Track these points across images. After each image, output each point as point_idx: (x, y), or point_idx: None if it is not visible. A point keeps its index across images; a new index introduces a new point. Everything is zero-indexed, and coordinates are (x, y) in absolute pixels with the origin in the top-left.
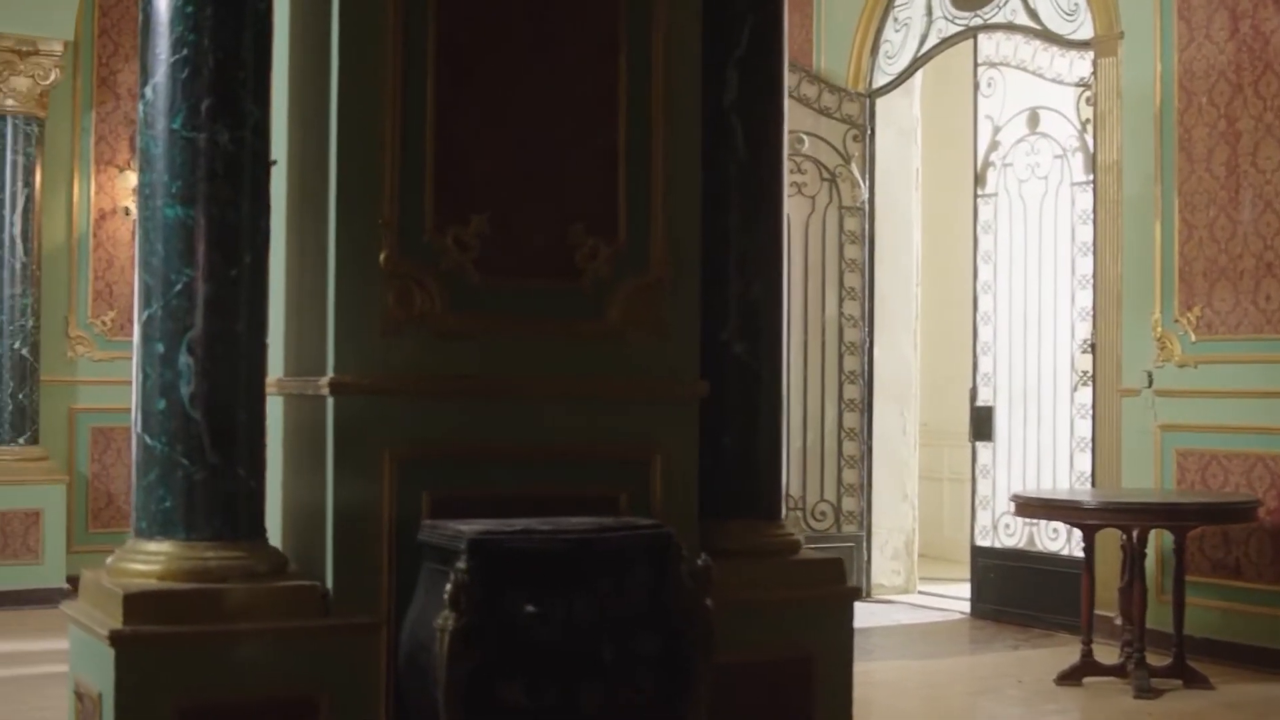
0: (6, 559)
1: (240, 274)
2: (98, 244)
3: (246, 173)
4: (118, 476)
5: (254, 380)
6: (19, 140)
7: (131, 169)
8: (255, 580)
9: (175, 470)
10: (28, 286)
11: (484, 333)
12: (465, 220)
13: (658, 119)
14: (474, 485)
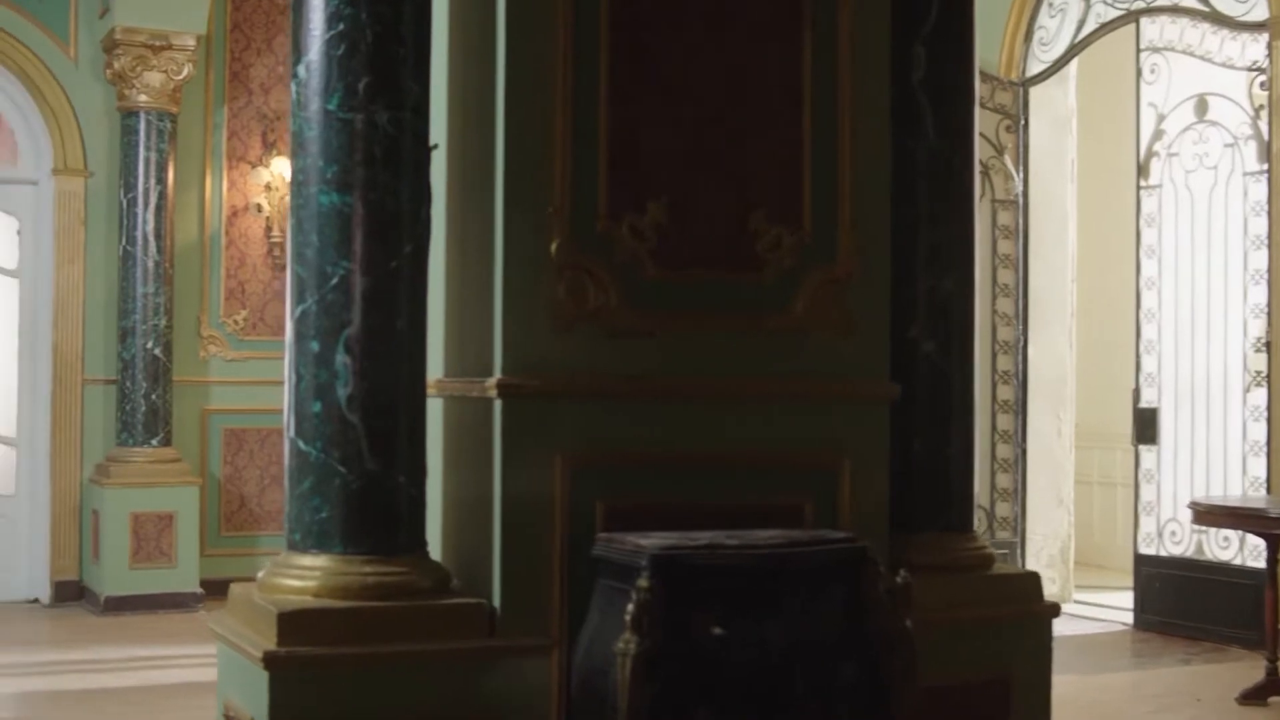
0: (140, 562)
1: (400, 266)
2: (230, 242)
3: (407, 156)
4: (250, 479)
5: (415, 381)
6: (152, 136)
7: (264, 165)
8: (417, 598)
9: (331, 478)
10: (160, 285)
11: (661, 329)
12: (641, 208)
13: (844, 99)
14: (650, 494)
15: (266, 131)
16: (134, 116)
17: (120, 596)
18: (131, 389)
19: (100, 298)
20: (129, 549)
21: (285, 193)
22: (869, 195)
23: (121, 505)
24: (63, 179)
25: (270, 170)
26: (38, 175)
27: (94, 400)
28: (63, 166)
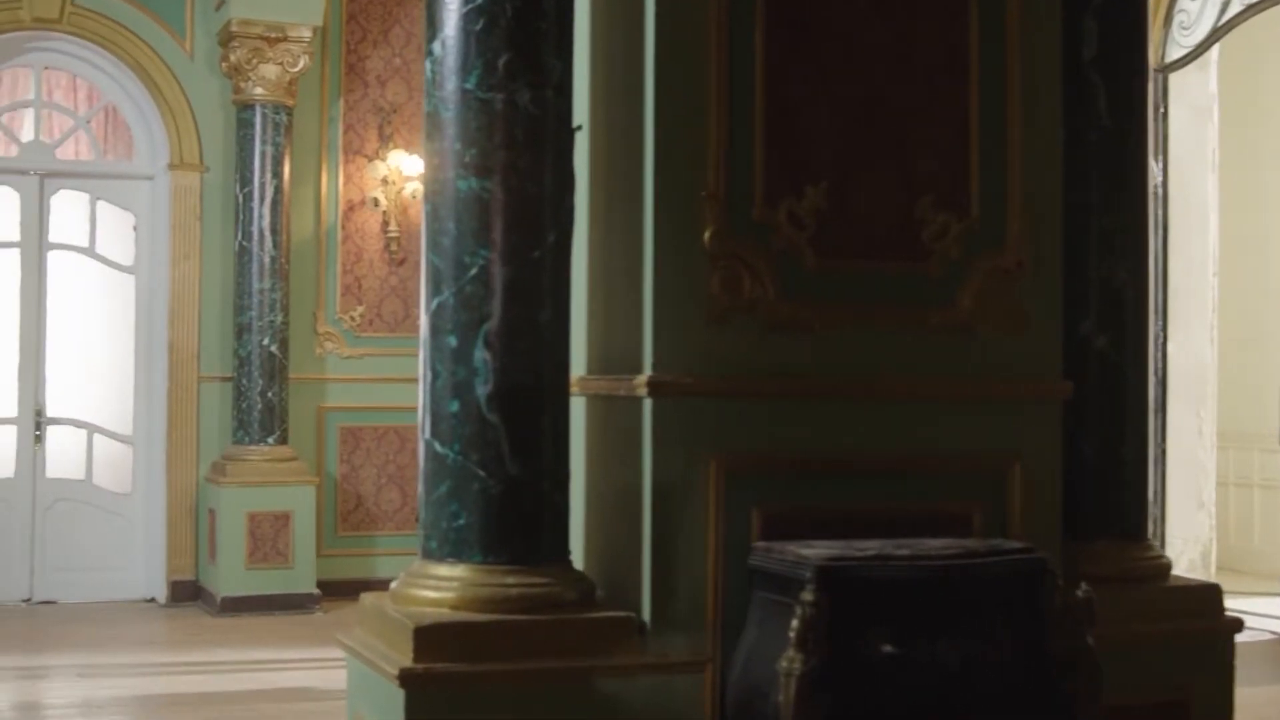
0: (256, 562)
1: (543, 255)
2: (346, 236)
3: (549, 138)
4: (366, 478)
5: (559, 378)
6: (268, 129)
7: (380, 158)
8: (562, 611)
9: (470, 483)
10: (277, 281)
11: (820, 323)
12: (799, 193)
13: (1013, 77)
14: (808, 500)
15: (383, 124)
16: (250, 110)
17: (237, 597)
18: (247, 386)
19: (216, 294)
20: (245, 549)
21: (402, 187)
22: (1040, 180)
23: (237, 504)
24: (178, 174)
25: (387, 164)
26: (154, 170)
27: (210, 398)
28: (179, 161)
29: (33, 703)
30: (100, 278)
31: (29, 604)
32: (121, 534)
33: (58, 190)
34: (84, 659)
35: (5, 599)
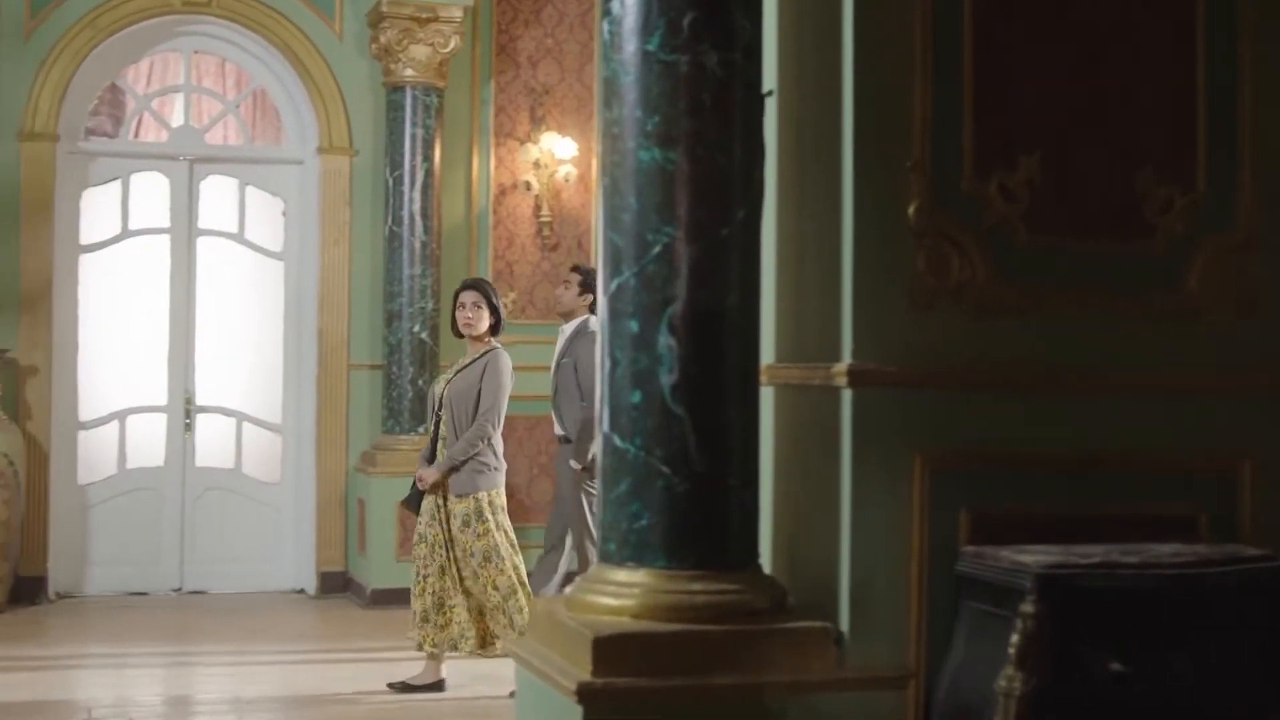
0: (407, 554)
1: (732, 232)
2: (498, 221)
3: (738, 104)
4: (518, 469)
5: (748, 367)
6: (418, 112)
7: (532, 141)
8: (753, 620)
9: (653, 480)
10: (427, 266)
11: (1034, 307)
12: (1012, 163)
13: (1245, 36)
14: (1021, 501)
15: (535, 106)
16: (400, 92)
17: (387, 589)
18: (398, 374)
19: (366, 280)
20: (395, 540)
21: (554, 170)
22: (1273, 149)
23: (388, 495)
24: (328, 158)
25: (539, 147)
26: (303, 155)
27: (360, 386)
28: (328, 145)
29: (183, 697)
30: (249, 264)
31: (179, 594)
32: (270, 524)
33: (207, 176)
34: (233, 651)
35: (156, 589)
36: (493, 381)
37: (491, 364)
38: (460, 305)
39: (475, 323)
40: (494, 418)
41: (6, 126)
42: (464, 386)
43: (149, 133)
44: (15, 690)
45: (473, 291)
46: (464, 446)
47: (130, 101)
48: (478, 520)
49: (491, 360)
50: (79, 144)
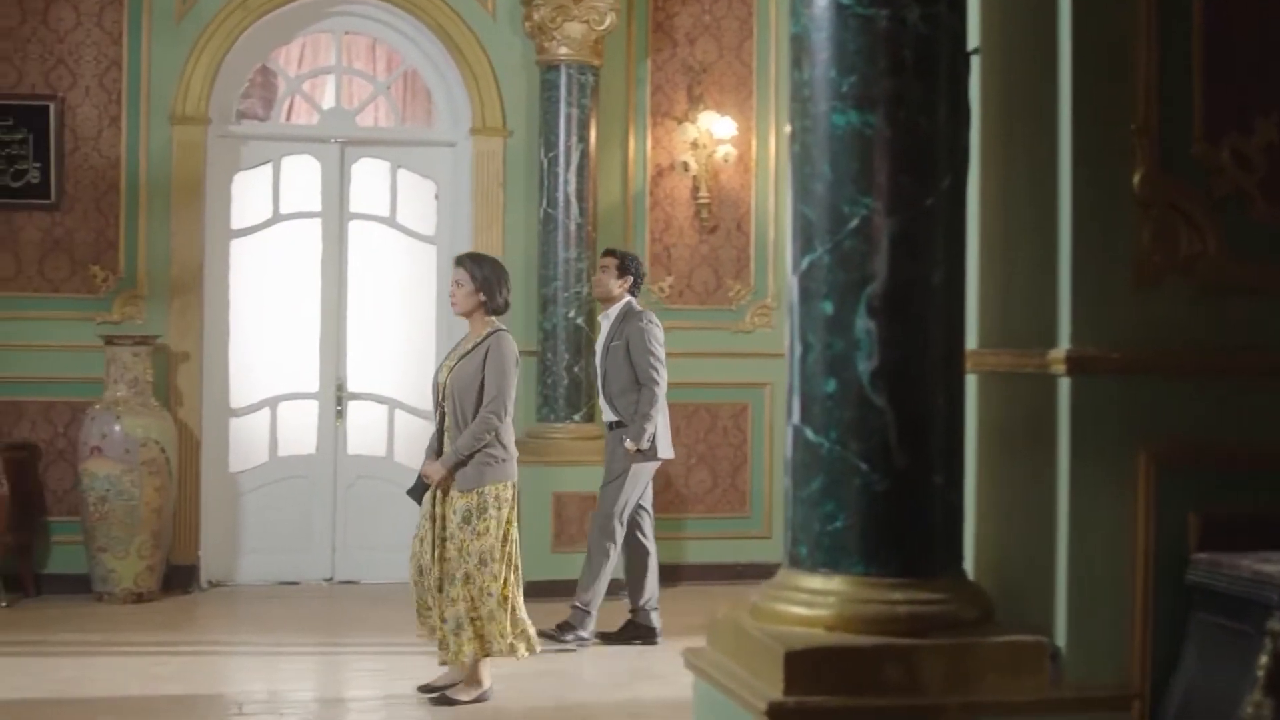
0: (562, 546)
1: (937, 203)
2: (654, 203)
3: (942, 62)
4: (676, 458)
5: (953, 352)
6: (573, 91)
7: (690, 121)
8: (959, 633)
9: (850, 478)
10: (583, 250)
11: (1272, 285)
12: (1247, 127)
13: None
14: (1258, 503)
15: (692, 85)
16: (554, 70)
17: (540, 581)
18: (553, 361)
19: (520, 264)
20: (550, 531)
21: (713, 150)
22: None
23: (543, 485)
24: (481, 139)
25: (697, 126)
26: (455, 136)
27: None
28: (481, 126)
29: (334, 691)
30: (401, 248)
31: (330, 583)
32: None
33: (358, 158)
34: (384, 643)
35: (307, 578)
36: (497, 368)
37: (494, 349)
38: (454, 282)
39: (458, 301)
40: (500, 407)
41: (158, 110)
42: (466, 375)
43: (300, 115)
44: (166, 682)
45: (457, 268)
46: (469, 440)
47: (281, 84)
48: (479, 517)
49: (494, 345)
50: (230, 127)
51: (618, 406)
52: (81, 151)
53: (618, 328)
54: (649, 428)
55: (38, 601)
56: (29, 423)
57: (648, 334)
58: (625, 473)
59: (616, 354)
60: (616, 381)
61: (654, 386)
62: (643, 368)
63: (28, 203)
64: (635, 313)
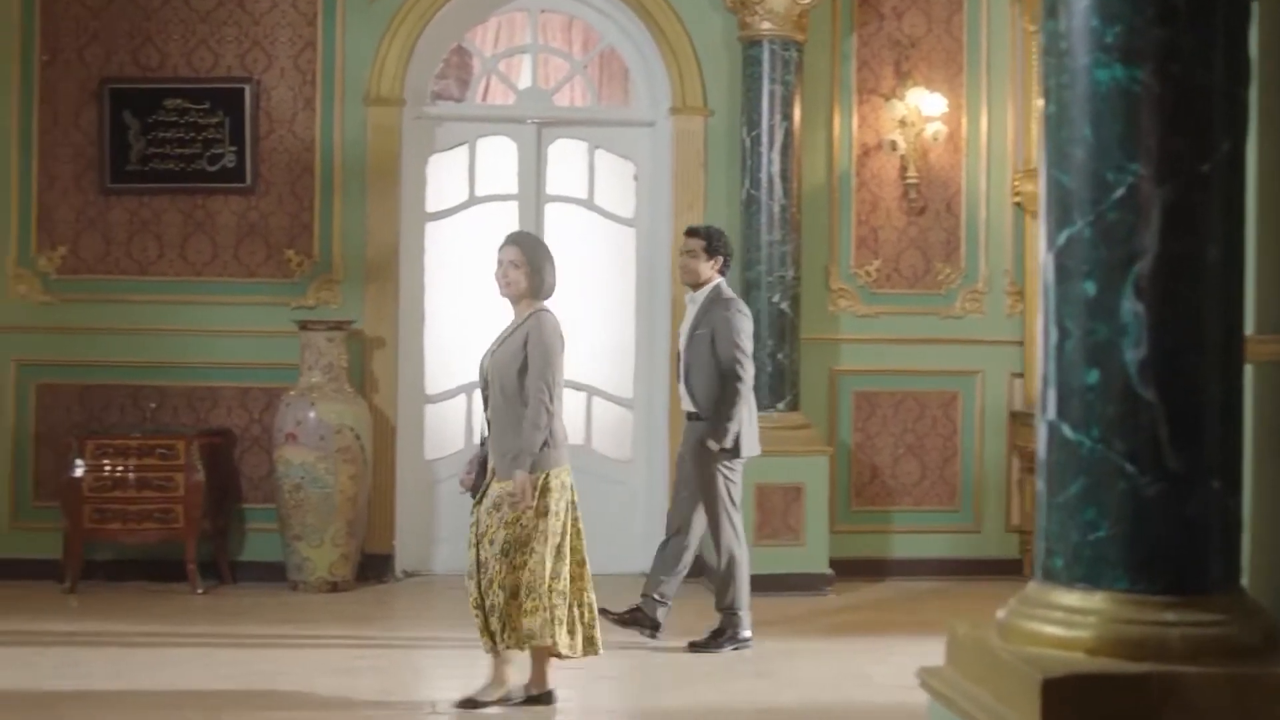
0: (765, 538)
1: (1214, 170)
2: (860, 184)
3: (1219, 12)
4: (882, 448)
5: (1231, 338)
6: (776, 67)
7: (897, 98)
8: (1240, 661)
9: (1114, 480)
10: (787, 233)
11: None
12: None
13: None
14: None
15: (900, 60)
16: (757, 46)
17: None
18: (755, 348)
19: None
20: (753, 523)
21: (921, 128)
22: None
23: (747, 474)
24: (681, 118)
25: (905, 103)
26: (654, 116)
27: None
28: (681, 105)
29: None
30: (599, 231)
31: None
32: (622, 504)
33: (555, 139)
34: None
35: None
36: (539, 349)
37: (534, 330)
38: (498, 263)
39: (512, 283)
40: (547, 389)
41: (353, 91)
42: (506, 357)
43: (496, 96)
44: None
45: (511, 248)
46: (529, 431)
47: (476, 63)
48: (510, 506)
49: (534, 325)
50: (425, 108)
51: (698, 399)
52: (276, 134)
53: (704, 314)
54: (732, 427)
55: (233, 589)
56: (224, 409)
57: (735, 324)
58: (715, 474)
59: (700, 343)
60: (699, 372)
61: (738, 382)
62: (727, 361)
63: (223, 186)
64: (723, 299)
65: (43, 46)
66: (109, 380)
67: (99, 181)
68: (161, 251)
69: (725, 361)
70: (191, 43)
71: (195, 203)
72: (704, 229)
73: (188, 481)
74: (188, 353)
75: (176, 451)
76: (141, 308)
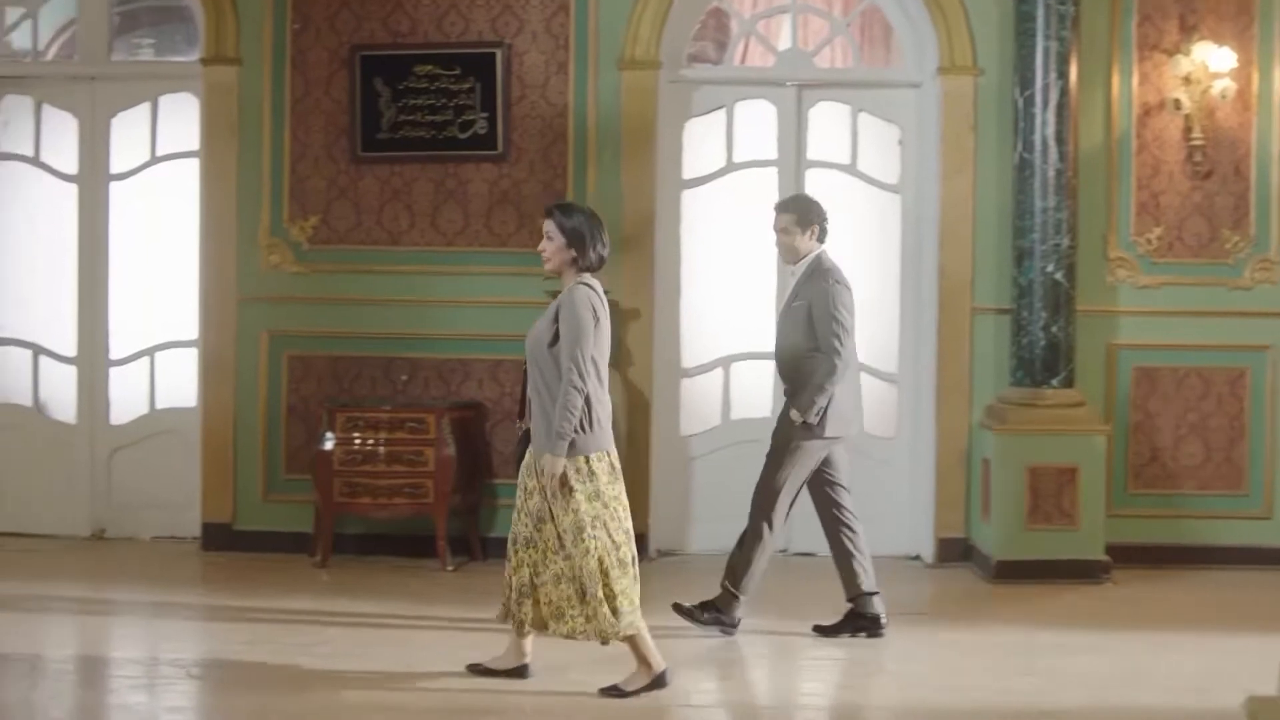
0: (1036, 523)
1: None
2: (1141, 146)
3: None
4: (1163, 427)
5: None
6: (1051, 22)
7: (1182, 53)
8: None
9: None
10: (1062, 198)
11: None
12: None
13: None
14: None
15: (1185, 14)
16: (1030, 2)
17: (1013, 561)
18: (1028, 320)
19: (992, 214)
20: (1024, 506)
21: (1208, 86)
22: None
23: (1016, 455)
24: (949, 79)
25: (1190, 59)
26: (920, 77)
27: (984, 332)
28: (949, 65)
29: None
30: (862, 198)
31: (784, 555)
32: (885, 482)
33: (816, 102)
34: None
35: None
36: (569, 324)
37: (566, 304)
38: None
39: (548, 256)
40: (576, 367)
41: (607, 55)
42: (538, 332)
43: (754, 58)
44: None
45: (547, 219)
46: (562, 414)
47: (734, 25)
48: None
49: (566, 299)
50: (681, 71)
51: (785, 372)
52: (528, 100)
53: (802, 285)
54: (819, 400)
55: (483, 565)
56: (475, 382)
57: (834, 296)
58: (790, 447)
59: (797, 314)
60: (792, 345)
61: (834, 356)
62: (824, 334)
63: (475, 154)
64: (823, 270)
65: (294, 15)
66: (359, 352)
67: (350, 150)
68: (413, 221)
69: (822, 335)
70: (442, 8)
71: (447, 170)
72: (791, 201)
73: (438, 456)
74: (438, 324)
75: (427, 425)
76: (392, 278)
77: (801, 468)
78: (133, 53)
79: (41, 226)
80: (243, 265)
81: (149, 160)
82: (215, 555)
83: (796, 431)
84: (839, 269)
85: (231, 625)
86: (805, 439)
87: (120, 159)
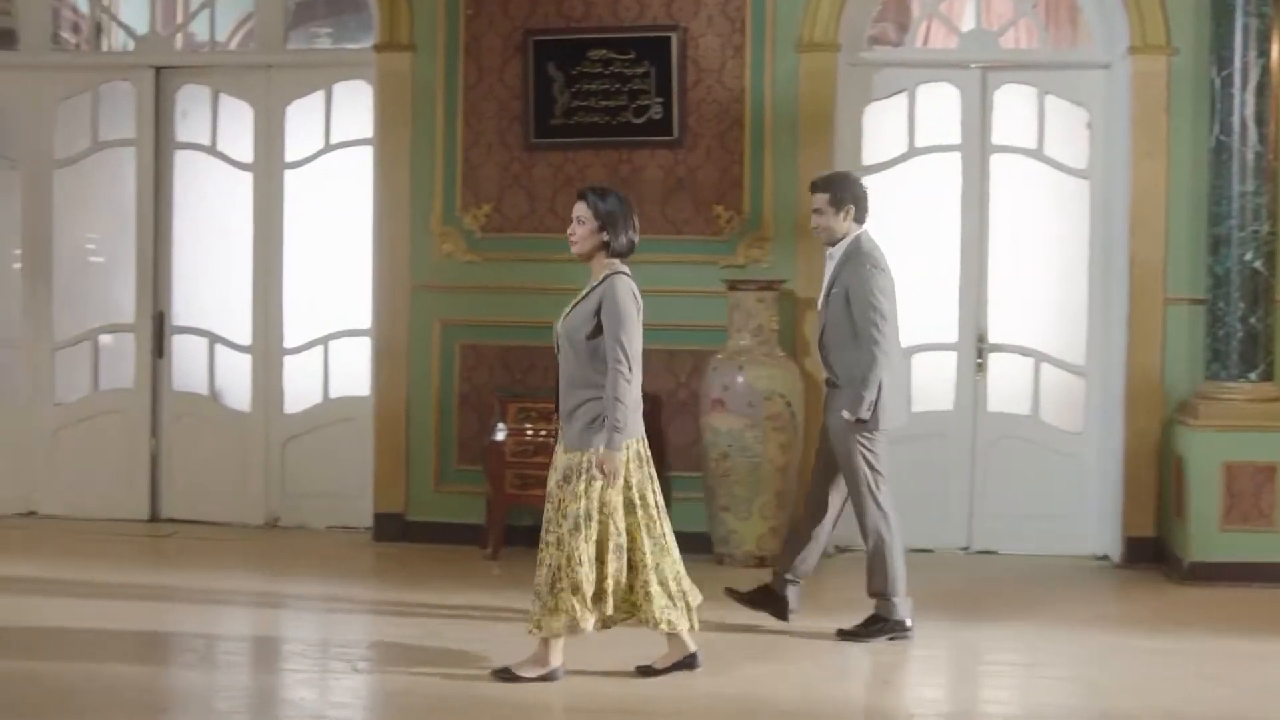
0: (1233, 523)
1: None
2: None
3: None
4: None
5: None
6: (1250, 0)
7: None
8: None
9: None
10: (1262, 183)
11: None
12: None
13: None
14: None
15: None
16: None
17: (1206, 563)
18: (1225, 310)
19: (1185, 200)
20: (1220, 506)
21: None
22: None
23: (1212, 452)
24: (1140, 59)
25: None
26: (1109, 57)
27: (1178, 323)
28: (1141, 44)
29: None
30: (1048, 184)
31: (966, 553)
32: (1071, 480)
33: (1001, 85)
34: (1024, 633)
35: (942, 545)
36: (612, 315)
37: (608, 295)
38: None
39: (578, 240)
40: (625, 358)
41: (784, 38)
42: (577, 321)
43: (937, 39)
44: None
45: (579, 202)
46: (609, 406)
47: (916, 5)
48: (579, 478)
49: (608, 290)
50: (861, 54)
51: (832, 364)
52: (704, 84)
53: (840, 270)
54: (868, 396)
55: None
56: (651, 373)
57: (869, 281)
58: (854, 449)
59: (836, 302)
60: (834, 335)
61: (874, 346)
62: (862, 323)
63: (649, 140)
64: (860, 254)
65: (467, 0)
66: (531, 341)
67: (524, 137)
68: None
69: (860, 324)
70: None
71: (620, 157)
72: (825, 179)
73: None
74: None
75: None
76: (565, 267)
77: (873, 458)
78: (309, 41)
79: (217, 215)
80: (416, 253)
81: (323, 148)
82: (386, 546)
83: (852, 429)
84: (877, 251)
85: (400, 619)
86: (863, 434)
87: (295, 147)
